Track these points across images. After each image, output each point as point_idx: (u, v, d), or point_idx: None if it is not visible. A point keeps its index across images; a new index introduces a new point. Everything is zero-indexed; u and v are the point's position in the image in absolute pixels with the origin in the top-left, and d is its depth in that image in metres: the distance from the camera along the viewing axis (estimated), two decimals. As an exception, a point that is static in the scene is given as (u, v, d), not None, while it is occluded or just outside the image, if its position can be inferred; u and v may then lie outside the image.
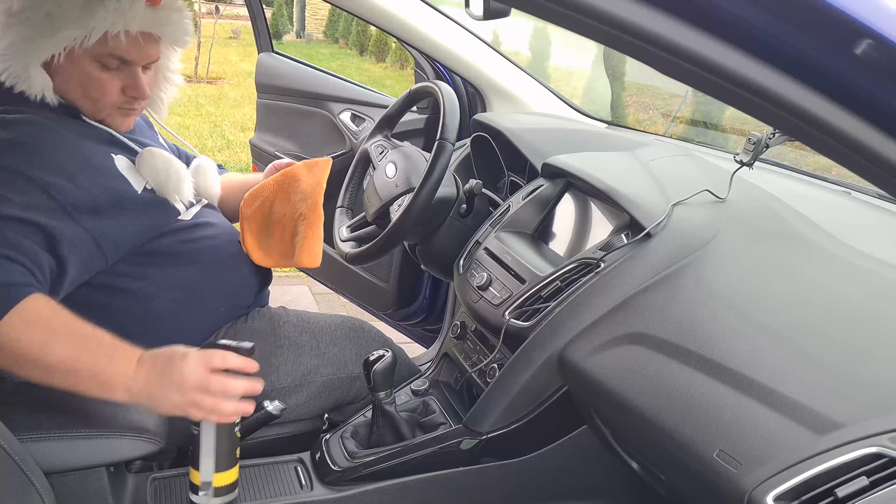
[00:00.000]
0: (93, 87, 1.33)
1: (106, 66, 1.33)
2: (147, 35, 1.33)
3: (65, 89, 1.33)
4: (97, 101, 1.35)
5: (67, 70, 1.31)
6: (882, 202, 1.63)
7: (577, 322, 1.31)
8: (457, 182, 1.73)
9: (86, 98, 1.35)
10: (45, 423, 1.22)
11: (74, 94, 1.34)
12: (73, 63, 1.31)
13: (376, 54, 10.30)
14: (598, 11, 0.65)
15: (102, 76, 1.33)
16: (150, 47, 1.35)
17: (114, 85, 1.35)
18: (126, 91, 1.36)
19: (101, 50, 1.30)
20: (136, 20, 1.29)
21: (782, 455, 0.95)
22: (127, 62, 1.34)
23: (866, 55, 0.63)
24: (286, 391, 1.53)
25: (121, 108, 1.38)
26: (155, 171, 1.40)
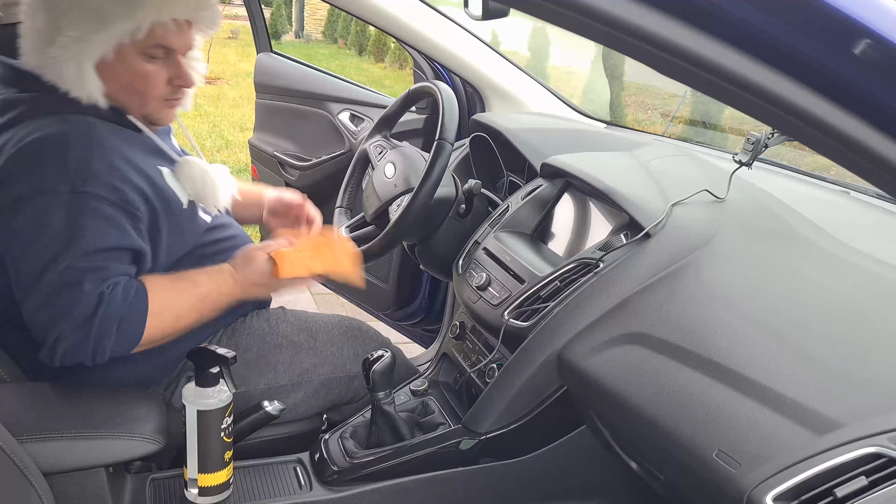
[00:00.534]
0: (140, 81, 1.34)
1: (152, 57, 1.33)
2: (187, 21, 1.34)
3: (111, 89, 1.33)
4: (145, 95, 1.36)
5: (115, 68, 1.31)
6: (881, 202, 1.63)
7: (576, 322, 1.31)
8: (456, 182, 1.73)
9: (134, 94, 1.35)
10: (44, 423, 1.22)
11: (122, 92, 1.34)
12: (121, 60, 1.31)
13: (375, 54, 10.29)
14: (597, 11, 0.65)
15: (149, 68, 1.33)
16: (188, 34, 1.36)
17: (160, 76, 1.35)
18: (172, 81, 1.36)
19: (148, 41, 1.30)
20: (180, 6, 1.30)
21: (781, 455, 0.95)
22: (171, 51, 1.34)
23: (865, 55, 0.63)
24: (284, 390, 1.53)
25: (167, 99, 1.39)
26: (192, 180, 1.41)
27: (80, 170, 1.24)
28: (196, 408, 1.27)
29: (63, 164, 1.23)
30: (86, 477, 1.24)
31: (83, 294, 1.21)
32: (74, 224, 1.22)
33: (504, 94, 2.17)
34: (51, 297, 1.21)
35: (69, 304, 1.21)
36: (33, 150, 1.24)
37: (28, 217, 1.22)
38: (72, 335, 1.22)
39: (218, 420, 1.28)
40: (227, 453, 1.31)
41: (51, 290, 1.21)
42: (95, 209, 1.24)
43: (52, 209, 1.22)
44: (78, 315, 1.21)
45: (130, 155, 1.32)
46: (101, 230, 1.24)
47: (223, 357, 1.26)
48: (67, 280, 1.21)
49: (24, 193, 1.22)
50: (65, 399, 1.31)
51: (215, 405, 1.27)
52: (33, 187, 1.22)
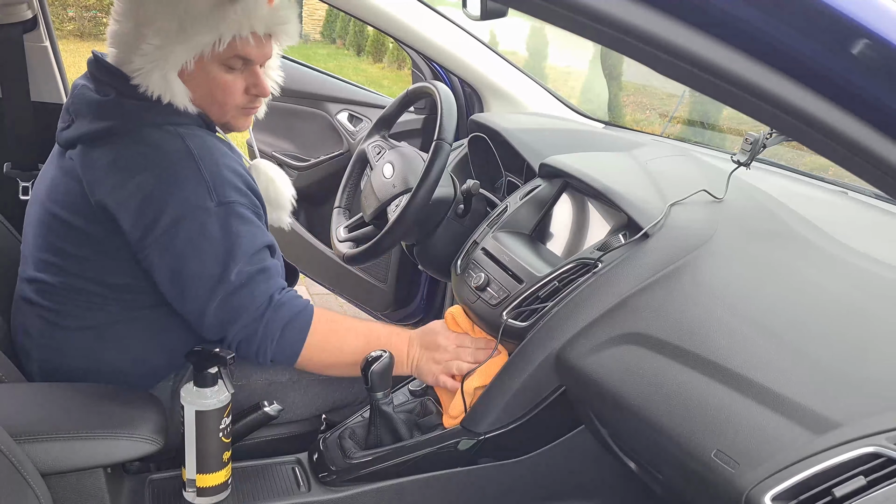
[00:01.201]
0: (219, 90, 1.37)
1: (231, 67, 1.36)
2: (266, 34, 1.37)
3: (193, 97, 1.36)
4: (224, 105, 1.39)
5: (196, 77, 1.34)
6: (879, 202, 1.63)
7: (574, 322, 1.31)
8: (454, 182, 1.73)
9: (213, 103, 1.38)
10: (42, 424, 1.22)
11: (202, 100, 1.37)
12: (200, 69, 1.34)
13: (373, 55, 10.29)
14: (595, 11, 0.65)
15: (227, 78, 1.36)
16: (268, 46, 1.39)
17: (238, 86, 1.38)
18: (249, 90, 1.40)
19: (228, 53, 1.33)
20: (261, 21, 1.33)
21: (780, 455, 0.95)
22: (249, 62, 1.37)
23: (863, 55, 0.63)
24: (284, 387, 1.53)
25: (244, 108, 1.42)
26: (262, 184, 1.47)
27: (216, 182, 1.30)
28: (194, 408, 1.27)
29: (201, 179, 1.29)
30: (84, 478, 1.24)
31: (254, 296, 1.31)
32: (229, 232, 1.29)
33: (502, 94, 2.17)
34: (226, 300, 1.30)
35: (244, 305, 1.30)
36: (168, 171, 1.29)
37: (187, 236, 1.28)
38: (242, 332, 1.32)
39: (216, 420, 1.28)
40: (225, 454, 1.31)
41: (226, 295, 1.29)
42: (241, 215, 1.31)
43: (208, 224, 1.28)
44: (249, 314, 1.31)
45: (233, 157, 1.38)
46: (251, 233, 1.32)
47: (221, 357, 1.26)
48: (241, 282, 1.29)
49: (176, 217, 1.28)
50: (63, 400, 1.31)
51: (213, 405, 1.27)
52: (183, 208, 1.28)
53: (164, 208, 1.27)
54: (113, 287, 1.36)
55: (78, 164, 1.32)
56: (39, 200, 1.41)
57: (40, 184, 1.44)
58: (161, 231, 1.28)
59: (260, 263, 1.33)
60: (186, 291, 1.32)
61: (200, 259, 1.29)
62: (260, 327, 1.32)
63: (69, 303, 1.37)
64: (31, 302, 1.40)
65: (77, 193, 1.33)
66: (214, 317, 1.31)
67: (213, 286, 1.29)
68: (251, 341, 1.33)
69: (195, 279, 1.30)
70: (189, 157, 1.30)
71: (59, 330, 1.38)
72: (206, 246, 1.29)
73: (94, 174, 1.30)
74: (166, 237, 1.28)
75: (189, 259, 1.29)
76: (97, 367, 1.39)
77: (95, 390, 1.36)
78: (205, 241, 1.28)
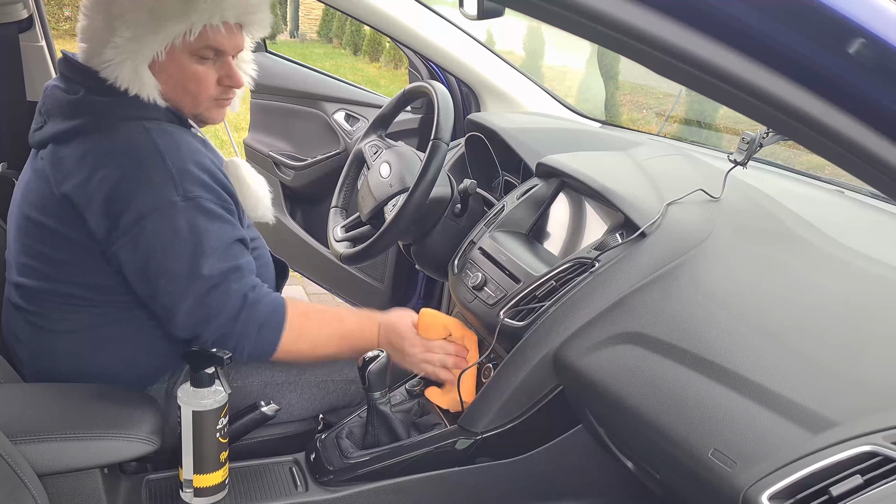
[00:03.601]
0: (191, 81, 1.36)
1: (202, 58, 1.35)
2: (237, 24, 1.37)
3: (165, 89, 1.35)
4: (197, 96, 1.38)
5: (167, 68, 1.34)
6: (875, 201, 1.63)
7: (571, 321, 1.31)
8: (451, 182, 1.73)
9: (186, 95, 1.38)
10: (39, 424, 1.21)
11: (174, 92, 1.37)
12: (172, 60, 1.33)
13: (370, 54, 10.28)
14: (592, 11, 0.65)
15: (199, 69, 1.36)
16: (239, 36, 1.39)
17: (210, 77, 1.38)
18: (222, 81, 1.39)
19: (199, 43, 1.33)
20: (231, 10, 1.33)
21: (777, 454, 0.95)
22: (221, 53, 1.37)
23: (859, 54, 0.63)
24: (281, 388, 1.53)
25: (217, 99, 1.42)
26: (238, 181, 1.44)
27: (182, 177, 1.29)
28: (191, 408, 1.26)
29: (166, 174, 1.28)
30: (81, 478, 1.24)
31: (230, 295, 1.30)
32: (196, 228, 1.28)
33: (499, 93, 2.17)
34: (201, 299, 1.29)
35: (218, 305, 1.30)
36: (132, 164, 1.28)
37: (153, 231, 1.27)
38: (217, 331, 1.31)
39: (213, 421, 1.27)
40: (222, 454, 1.31)
41: (200, 294, 1.28)
42: (208, 210, 1.30)
43: (174, 219, 1.27)
44: (225, 315, 1.30)
45: (205, 153, 1.37)
46: (220, 228, 1.31)
47: (218, 358, 1.26)
48: (214, 283, 1.28)
49: (142, 211, 1.27)
50: (60, 400, 1.31)
51: (210, 406, 1.27)
52: (150, 203, 1.27)
53: (129, 203, 1.26)
54: (95, 288, 1.35)
55: (47, 163, 1.32)
56: (17, 204, 1.41)
57: (18, 187, 1.44)
58: (127, 227, 1.27)
59: (232, 261, 1.32)
60: (157, 288, 1.31)
61: (168, 255, 1.28)
62: (236, 327, 1.31)
63: (53, 306, 1.37)
64: (17, 307, 1.40)
65: (47, 194, 1.32)
66: (187, 316, 1.30)
67: (184, 284, 1.28)
68: (226, 341, 1.32)
69: (165, 276, 1.29)
70: (155, 152, 1.29)
71: (47, 334, 1.38)
72: (174, 242, 1.28)
73: (61, 171, 1.30)
74: (132, 233, 1.27)
75: (157, 255, 1.28)
76: (87, 370, 1.39)
77: (92, 390, 1.35)
78: (172, 236, 1.27)
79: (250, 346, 1.34)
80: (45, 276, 1.36)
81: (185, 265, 1.28)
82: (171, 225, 1.27)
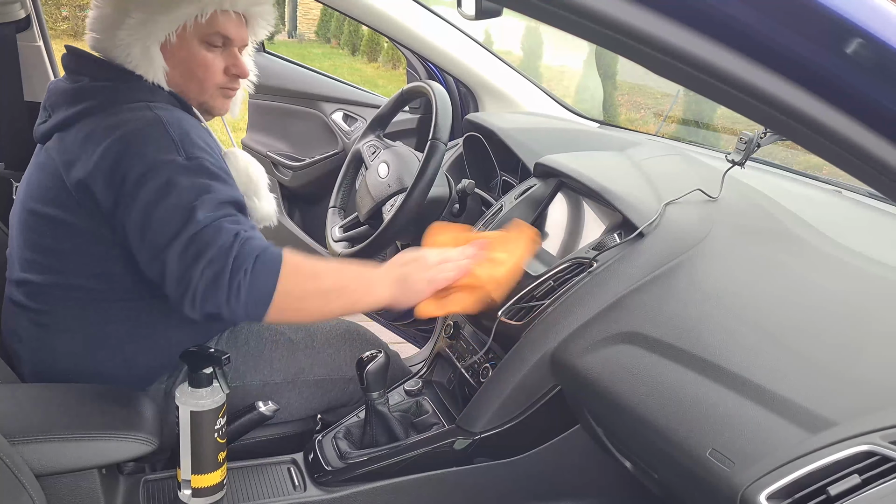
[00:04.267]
0: (200, 67, 1.38)
1: (211, 45, 1.37)
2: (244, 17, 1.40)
3: (173, 74, 1.37)
4: (203, 83, 1.40)
5: (177, 53, 1.36)
6: (873, 200, 1.63)
7: (570, 321, 1.31)
8: (449, 182, 1.73)
9: (192, 80, 1.39)
10: (36, 425, 1.21)
11: (182, 77, 1.38)
12: (182, 45, 1.35)
13: (368, 54, 10.28)
14: (590, 11, 0.65)
15: (208, 56, 1.38)
16: (244, 30, 1.41)
17: (218, 65, 1.40)
18: (228, 70, 1.41)
19: (209, 29, 1.35)
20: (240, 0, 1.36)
21: (775, 453, 0.95)
22: (228, 41, 1.39)
23: (857, 54, 0.63)
24: (279, 388, 1.53)
25: (223, 88, 1.43)
26: (238, 173, 1.44)
27: (183, 142, 1.29)
28: (189, 409, 1.26)
29: (168, 139, 1.28)
30: (79, 478, 1.24)
31: (221, 231, 1.21)
32: (198, 182, 1.26)
33: (497, 93, 2.17)
34: (191, 240, 1.21)
35: (210, 240, 1.20)
36: (135, 132, 1.28)
37: (154, 186, 1.25)
38: (209, 268, 1.19)
39: (211, 421, 1.27)
40: (220, 454, 1.31)
41: (191, 235, 1.21)
42: (210, 170, 1.29)
43: (175, 174, 1.25)
44: (216, 247, 1.20)
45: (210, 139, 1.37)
46: (221, 186, 1.29)
47: (216, 358, 1.26)
48: (207, 223, 1.22)
49: (143, 170, 1.25)
50: (58, 400, 1.31)
51: (208, 406, 1.27)
52: (150, 162, 1.25)
53: (132, 167, 1.25)
54: (99, 278, 1.35)
55: (54, 152, 1.33)
56: (20, 201, 1.42)
57: (21, 187, 1.44)
58: (129, 188, 1.25)
59: (228, 210, 1.25)
60: (152, 241, 1.24)
61: (165, 207, 1.23)
62: (229, 260, 1.19)
63: (56, 303, 1.37)
64: (19, 305, 1.40)
65: (53, 184, 1.33)
66: (179, 260, 1.20)
67: (177, 229, 1.21)
68: (220, 279, 1.18)
69: (160, 226, 1.23)
70: (157, 122, 1.29)
71: (49, 332, 1.38)
72: (173, 195, 1.24)
73: (68, 154, 1.31)
74: (134, 191, 1.25)
75: (154, 208, 1.24)
76: (88, 369, 1.39)
77: (90, 391, 1.35)
78: (171, 190, 1.24)
79: (248, 284, 1.19)
80: (49, 269, 1.36)
81: (180, 214, 1.22)
82: (170, 180, 1.24)
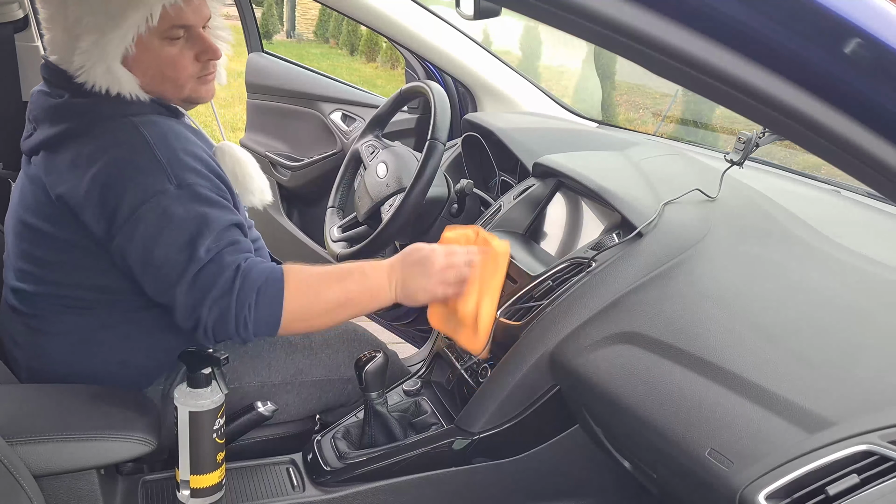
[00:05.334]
0: (168, 67, 1.34)
1: (173, 39, 1.32)
2: None
3: (145, 82, 1.33)
4: (176, 80, 1.36)
5: (141, 60, 1.31)
6: (871, 200, 1.64)
7: (568, 321, 1.31)
8: (448, 182, 1.73)
9: (166, 81, 1.35)
10: (35, 425, 1.21)
11: (154, 82, 1.34)
12: (143, 51, 1.31)
13: (367, 54, 10.28)
14: (589, 11, 0.65)
15: (172, 51, 1.33)
16: (202, 6, 1.35)
17: (186, 56, 1.35)
18: (199, 57, 1.36)
19: (164, 24, 1.30)
20: None
21: (774, 453, 0.95)
22: (189, 27, 1.33)
23: (855, 54, 0.63)
24: (277, 389, 1.53)
25: (199, 76, 1.38)
26: (228, 167, 1.42)
27: (173, 166, 1.27)
28: (188, 409, 1.26)
29: (158, 165, 1.26)
30: (77, 479, 1.23)
31: (223, 267, 1.24)
32: (193, 213, 1.25)
33: (496, 93, 2.17)
34: (196, 278, 1.24)
35: (212, 279, 1.24)
36: (121, 160, 1.27)
37: (151, 221, 1.24)
38: (216, 306, 1.24)
39: (210, 421, 1.27)
40: (219, 454, 1.31)
41: (196, 273, 1.24)
42: (202, 196, 1.28)
43: (169, 207, 1.25)
44: (219, 287, 1.24)
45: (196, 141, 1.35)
46: (216, 213, 1.28)
47: (215, 358, 1.26)
48: (210, 259, 1.24)
49: (136, 203, 1.24)
50: (56, 401, 1.31)
51: (207, 406, 1.27)
52: (141, 194, 1.25)
53: (123, 196, 1.25)
54: (93, 290, 1.35)
55: (41, 169, 1.31)
56: (14, 209, 1.40)
57: (14, 192, 1.43)
58: (123, 220, 1.25)
59: (229, 238, 1.27)
60: (157, 277, 1.27)
61: (166, 243, 1.25)
62: (232, 299, 1.23)
63: (50, 310, 1.36)
64: (14, 310, 1.40)
65: (44, 199, 1.31)
66: (186, 297, 1.24)
67: (182, 268, 1.24)
68: (226, 316, 1.24)
69: (165, 264, 1.25)
70: (144, 144, 1.27)
71: (43, 336, 1.38)
72: (171, 229, 1.25)
73: (54, 176, 1.29)
74: (129, 225, 1.25)
75: (155, 245, 1.25)
76: (84, 372, 1.38)
77: (88, 391, 1.35)
78: (167, 223, 1.25)
79: (254, 317, 1.24)
80: (42, 280, 1.35)
81: (182, 251, 1.24)
82: (165, 212, 1.25)
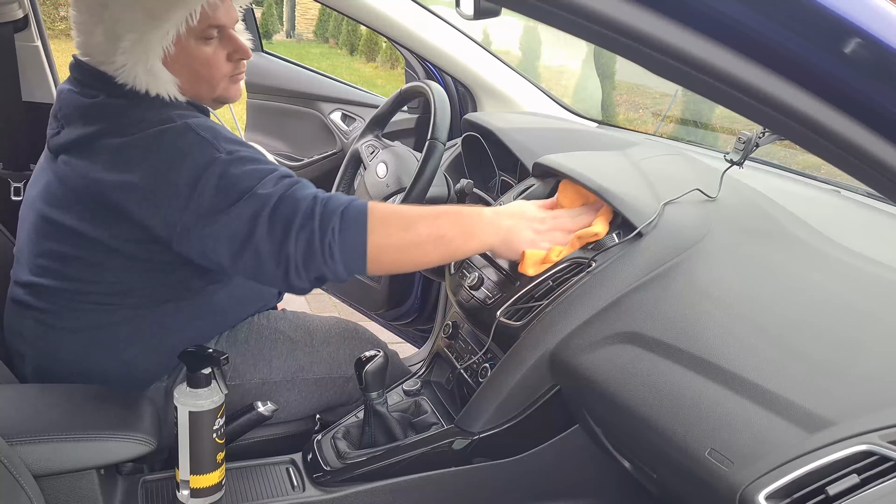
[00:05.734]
0: (204, 67, 1.36)
1: (208, 39, 1.35)
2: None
3: (182, 82, 1.35)
4: (211, 79, 1.38)
5: (179, 60, 1.33)
6: (871, 200, 1.64)
7: (568, 321, 1.31)
8: (448, 182, 1.73)
9: (201, 81, 1.37)
10: (34, 425, 1.21)
11: (190, 83, 1.36)
12: (181, 51, 1.32)
13: (366, 54, 10.29)
14: (589, 11, 0.65)
15: (208, 51, 1.36)
16: (232, 8, 1.38)
17: (220, 56, 1.38)
18: (231, 57, 1.39)
19: (202, 24, 1.32)
20: None
21: (774, 453, 0.95)
22: (222, 27, 1.36)
23: (856, 54, 0.64)
24: (278, 387, 1.53)
25: (231, 76, 1.41)
26: None
27: (217, 140, 1.28)
28: (188, 409, 1.26)
29: (203, 141, 1.27)
30: (77, 479, 1.24)
31: (298, 199, 1.24)
32: (250, 168, 1.26)
33: (496, 93, 2.17)
34: (272, 217, 1.22)
35: (290, 211, 1.23)
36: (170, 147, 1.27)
37: (211, 185, 1.24)
38: (301, 235, 1.22)
39: (210, 421, 1.27)
40: (219, 454, 1.31)
41: (270, 212, 1.22)
42: (252, 157, 1.29)
43: (225, 168, 1.25)
44: (301, 215, 1.23)
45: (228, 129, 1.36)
46: (272, 166, 1.29)
47: (215, 358, 1.26)
48: (280, 195, 1.23)
49: (193, 177, 1.24)
50: (55, 401, 1.31)
51: (207, 406, 1.27)
52: (196, 168, 1.24)
53: (180, 176, 1.24)
54: (114, 286, 1.35)
55: (75, 170, 1.31)
56: (33, 205, 1.39)
57: (33, 188, 1.42)
58: (183, 197, 1.24)
59: (294, 179, 1.28)
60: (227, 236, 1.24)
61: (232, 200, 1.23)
62: (315, 223, 1.22)
63: (66, 305, 1.37)
64: (25, 305, 1.40)
65: (75, 197, 1.31)
66: (269, 240, 1.22)
67: (255, 213, 1.23)
68: (312, 243, 1.22)
69: (236, 220, 1.23)
70: (187, 129, 1.28)
71: (53, 332, 1.38)
72: (235, 187, 1.24)
73: (96, 177, 1.28)
74: (190, 199, 1.24)
75: (221, 209, 1.23)
76: (90, 369, 1.39)
77: (88, 391, 1.35)
78: (230, 183, 1.24)
79: (339, 242, 1.22)
80: (64, 277, 1.35)
81: (249, 202, 1.23)
82: (223, 175, 1.24)
